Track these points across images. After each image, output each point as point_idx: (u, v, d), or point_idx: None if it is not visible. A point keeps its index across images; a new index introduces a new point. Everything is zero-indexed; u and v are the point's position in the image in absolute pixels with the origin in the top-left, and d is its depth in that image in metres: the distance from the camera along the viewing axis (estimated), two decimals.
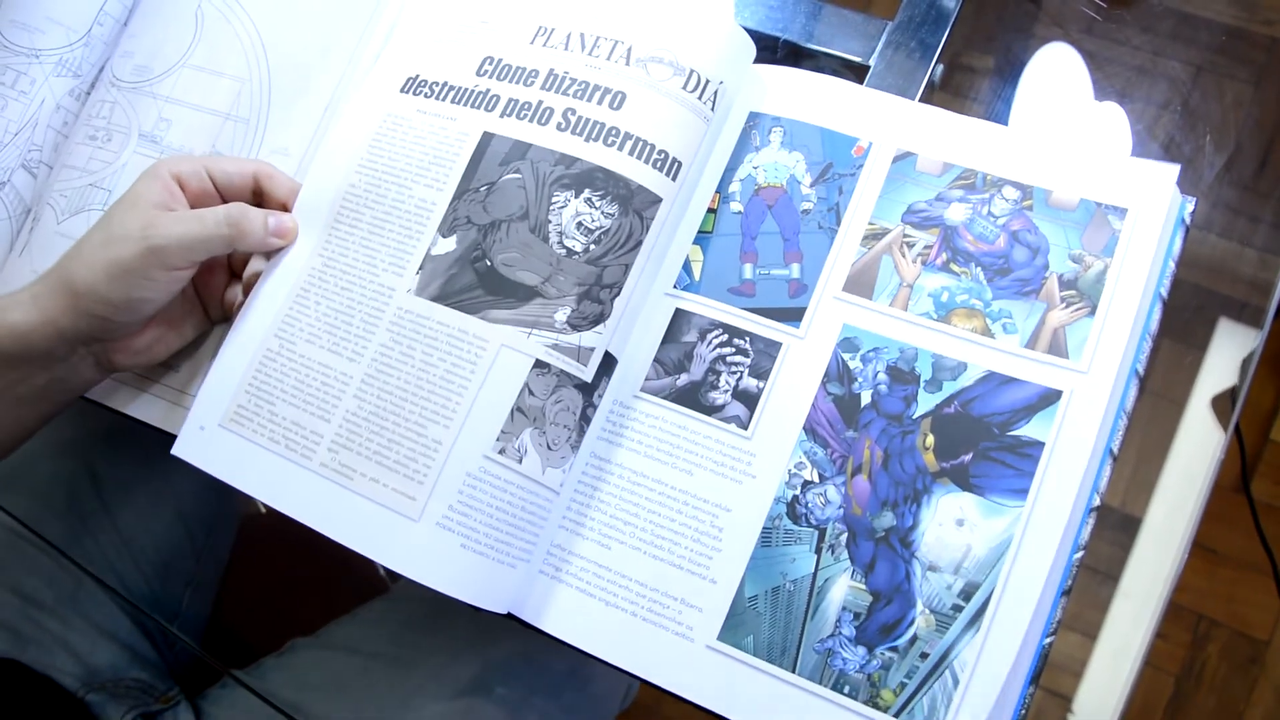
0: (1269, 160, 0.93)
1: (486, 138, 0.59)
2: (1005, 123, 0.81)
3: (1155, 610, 0.65)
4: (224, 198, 0.60)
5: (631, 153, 0.57)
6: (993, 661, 0.50)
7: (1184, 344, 0.74)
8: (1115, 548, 1.32)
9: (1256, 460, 1.42)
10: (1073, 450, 0.52)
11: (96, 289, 0.54)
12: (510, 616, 0.56)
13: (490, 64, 0.61)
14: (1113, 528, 1.31)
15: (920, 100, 0.72)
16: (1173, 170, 0.55)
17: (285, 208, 0.62)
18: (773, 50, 0.74)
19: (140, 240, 0.54)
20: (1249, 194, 0.83)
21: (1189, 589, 1.38)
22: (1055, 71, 0.84)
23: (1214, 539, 1.40)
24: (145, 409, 0.63)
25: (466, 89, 0.61)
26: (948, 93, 0.84)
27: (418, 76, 0.62)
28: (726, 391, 0.56)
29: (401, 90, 0.62)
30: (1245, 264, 0.76)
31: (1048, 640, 0.51)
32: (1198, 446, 0.70)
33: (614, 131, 0.57)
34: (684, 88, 0.58)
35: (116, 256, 0.54)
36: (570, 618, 0.55)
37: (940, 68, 0.72)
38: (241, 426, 0.58)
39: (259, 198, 0.62)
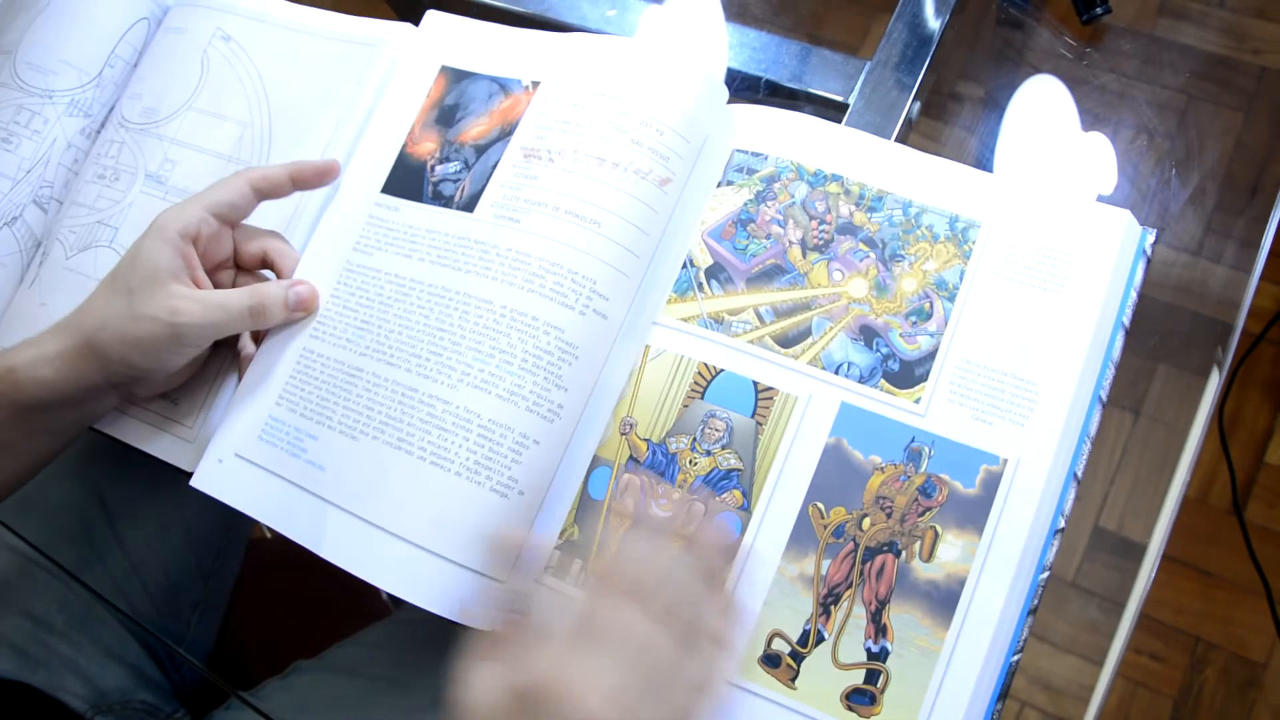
0: (1260, 186, 0.95)
1: None
2: (992, 153, 0.83)
3: (1129, 619, 0.67)
4: (234, 228, 0.64)
5: None
6: (956, 680, 0.52)
7: (1184, 370, 0.75)
8: (1119, 574, 1.33)
9: (1251, 483, 1.43)
10: (1029, 474, 0.54)
11: (128, 359, 0.58)
12: None
13: None
14: (1115, 553, 1.32)
15: (900, 135, 0.74)
16: (1123, 215, 0.58)
17: (293, 178, 0.63)
18: (755, 89, 0.77)
19: (167, 324, 0.57)
20: (1242, 219, 0.84)
21: (1186, 611, 1.38)
22: (1041, 103, 0.86)
23: (1210, 561, 1.40)
24: (146, 440, 0.65)
25: None
26: (940, 121, 0.85)
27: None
28: None
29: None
30: (1242, 290, 0.77)
31: (1014, 658, 0.53)
32: (1188, 467, 0.71)
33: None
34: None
35: (144, 335, 0.57)
36: None
37: (917, 105, 0.74)
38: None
39: (261, 195, 0.63)
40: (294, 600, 0.94)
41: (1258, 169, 0.97)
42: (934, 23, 0.77)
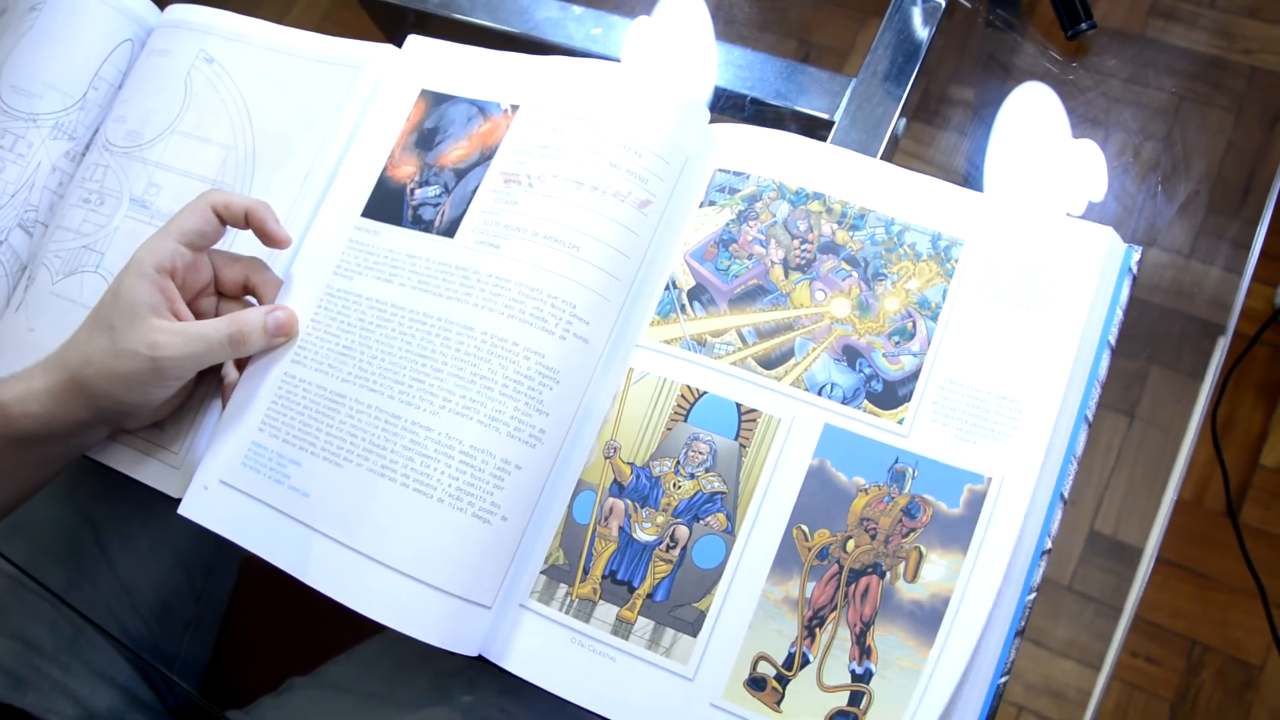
0: (1251, 187, 0.94)
1: None
2: (982, 162, 0.83)
3: (1124, 623, 0.67)
4: (210, 254, 0.64)
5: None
6: (937, 698, 0.51)
7: (1177, 372, 0.75)
8: (1115, 577, 1.33)
9: (1245, 485, 1.43)
10: (1013, 493, 0.54)
11: (113, 395, 0.59)
12: (481, 659, 0.57)
13: None
14: (1110, 557, 1.32)
15: (885, 153, 0.74)
16: (1106, 232, 0.57)
17: (248, 214, 0.63)
18: (741, 108, 0.77)
19: (148, 359, 0.58)
20: (1234, 221, 0.84)
21: (1182, 614, 1.38)
22: (1031, 110, 0.85)
23: (1205, 564, 1.40)
24: (133, 466, 0.66)
25: None
26: (929, 127, 0.85)
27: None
28: None
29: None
30: (1234, 292, 0.77)
31: (1002, 680, 0.53)
32: (1182, 470, 0.71)
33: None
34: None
35: (127, 371, 0.58)
36: (538, 658, 0.57)
37: (903, 122, 0.74)
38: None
39: (222, 220, 0.63)
40: (288, 617, 0.93)
41: (1249, 170, 0.97)
42: (922, 32, 0.77)
